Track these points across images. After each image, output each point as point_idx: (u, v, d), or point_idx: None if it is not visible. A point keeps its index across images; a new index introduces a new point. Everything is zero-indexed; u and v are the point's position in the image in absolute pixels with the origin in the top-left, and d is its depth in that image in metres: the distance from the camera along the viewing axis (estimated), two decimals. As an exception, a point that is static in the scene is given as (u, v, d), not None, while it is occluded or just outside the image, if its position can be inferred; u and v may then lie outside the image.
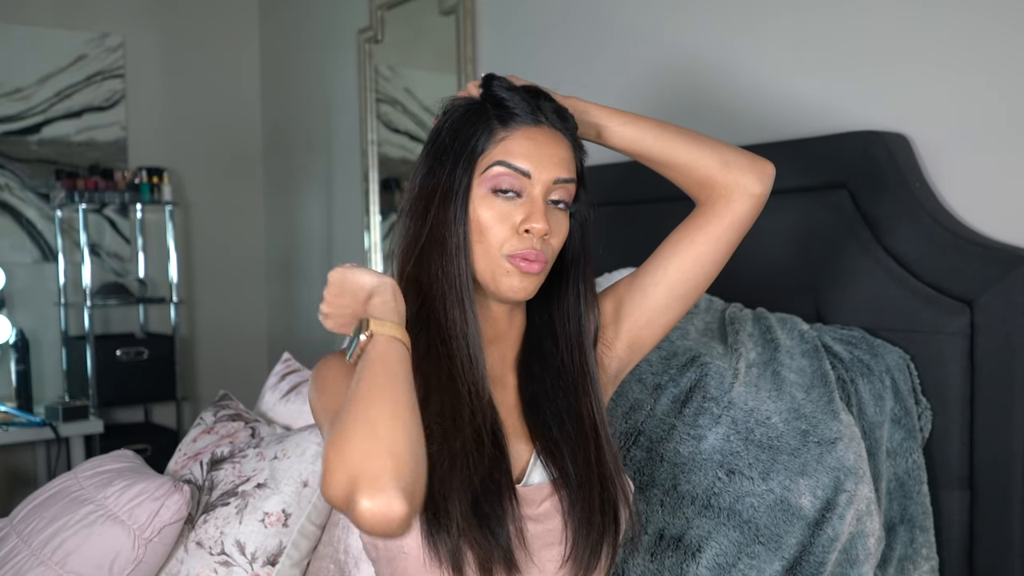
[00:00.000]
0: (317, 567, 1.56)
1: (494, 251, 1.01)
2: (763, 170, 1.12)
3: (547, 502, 1.01)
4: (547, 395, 1.07)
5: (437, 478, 0.94)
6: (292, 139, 3.76)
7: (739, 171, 1.10)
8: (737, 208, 1.11)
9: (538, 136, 1.02)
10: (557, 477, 1.02)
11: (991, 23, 1.52)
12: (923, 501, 1.48)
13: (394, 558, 0.99)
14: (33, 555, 1.49)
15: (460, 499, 0.94)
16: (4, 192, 3.46)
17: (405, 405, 0.84)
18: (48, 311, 3.56)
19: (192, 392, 3.82)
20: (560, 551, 1.01)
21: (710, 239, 1.11)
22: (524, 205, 1.01)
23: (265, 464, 1.59)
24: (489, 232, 1.01)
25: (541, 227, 1.00)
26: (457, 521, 0.94)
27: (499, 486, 0.97)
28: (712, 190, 1.11)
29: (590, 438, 1.05)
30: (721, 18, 1.96)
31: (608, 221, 1.97)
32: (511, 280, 1.01)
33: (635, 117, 1.12)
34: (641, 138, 1.11)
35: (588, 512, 1.01)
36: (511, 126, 1.02)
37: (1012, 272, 1.42)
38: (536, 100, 1.04)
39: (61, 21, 3.55)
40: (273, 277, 3.96)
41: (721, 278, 1.17)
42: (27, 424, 3.05)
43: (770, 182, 1.12)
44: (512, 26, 2.56)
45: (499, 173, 1.00)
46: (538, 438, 1.05)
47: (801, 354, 1.50)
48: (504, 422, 1.03)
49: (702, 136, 1.13)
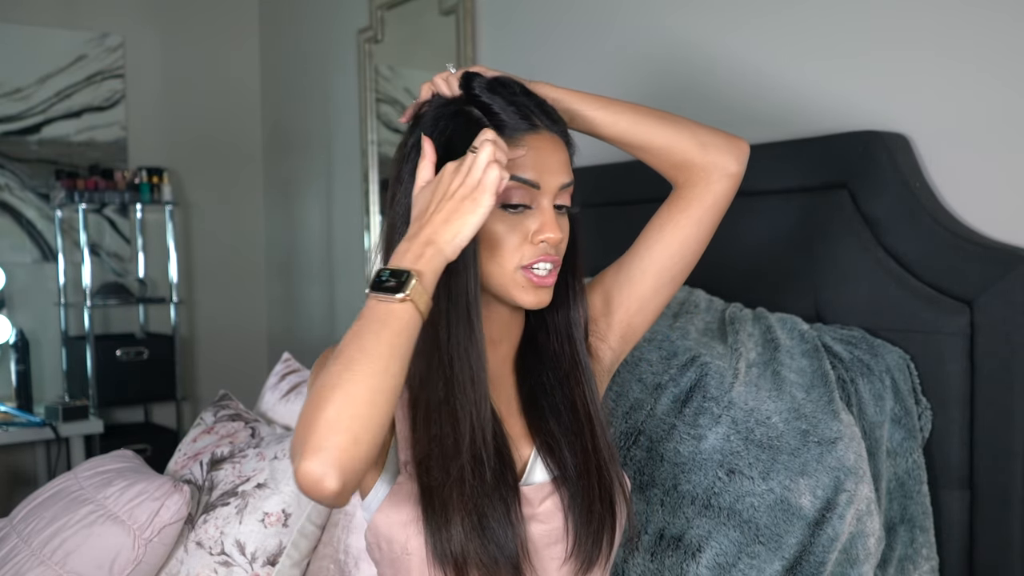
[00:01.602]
0: (317, 567, 1.56)
1: (508, 264, 1.00)
2: (740, 149, 1.12)
3: (548, 500, 1.02)
4: (544, 388, 1.07)
5: (439, 494, 0.94)
6: (292, 139, 3.76)
7: (717, 152, 1.11)
8: (717, 189, 1.11)
9: (539, 144, 1.01)
10: (557, 475, 1.03)
11: (991, 23, 1.52)
12: (923, 501, 1.48)
13: (397, 559, 0.99)
14: (33, 555, 1.49)
15: (463, 515, 0.94)
16: (4, 192, 3.47)
17: (391, 386, 0.84)
18: (48, 311, 3.56)
19: (192, 392, 3.82)
20: (561, 549, 1.01)
21: (693, 221, 1.11)
22: (535, 215, 1.00)
23: (265, 464, 1.59)
24: (502, 246, 0.99)
25: (556, 236, 0.99)
26: (460, 531, 0.94)
27: (503, 495, 0.97)
28: (691, 172, 1.11)
29: (585, 428, 1.04)
30: (721, 18, 1.96)
31: (605, 221, 1.97)
32: (526, 295, 1.01)
33: (609, 101, 1.11)
34: (615, 122, 1.10)
35: (588, 502, 1.01)
36: (512, 137, 1.00)
37: (1012, 272, 1.42)
38: (522, 99, 1.02)
39: (61, 21, 3.55)
40: (273, 277, 3.96)
41: (721, 278, 1.17)
42: (27, 424, 3.05)
43: (745, 160, 1.13)
44: (512, 26, 2.56)
45: (508, 188, 0.98)
46: (537, 434, 1.05)
47: (801, 354, 1.50)
48: (504, 421, 1.03)
49: (677, 117, 1.12)
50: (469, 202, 0.91)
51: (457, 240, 0.91)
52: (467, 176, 0.92)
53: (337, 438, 0.79)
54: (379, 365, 0.83)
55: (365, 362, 0.83)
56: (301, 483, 0.79)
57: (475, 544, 0.94)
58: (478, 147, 0.93)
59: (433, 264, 0.90)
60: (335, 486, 0.79)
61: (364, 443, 0.81)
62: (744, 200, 1.85)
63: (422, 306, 0.88)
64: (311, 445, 0.79)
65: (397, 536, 0.98)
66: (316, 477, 0.78)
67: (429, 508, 0.95)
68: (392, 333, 0.86)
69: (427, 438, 0.96)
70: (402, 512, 0.97)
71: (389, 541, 0.99)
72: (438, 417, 0.97)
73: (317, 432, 0.80)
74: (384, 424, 0.83)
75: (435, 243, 0.91)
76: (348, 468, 0.79)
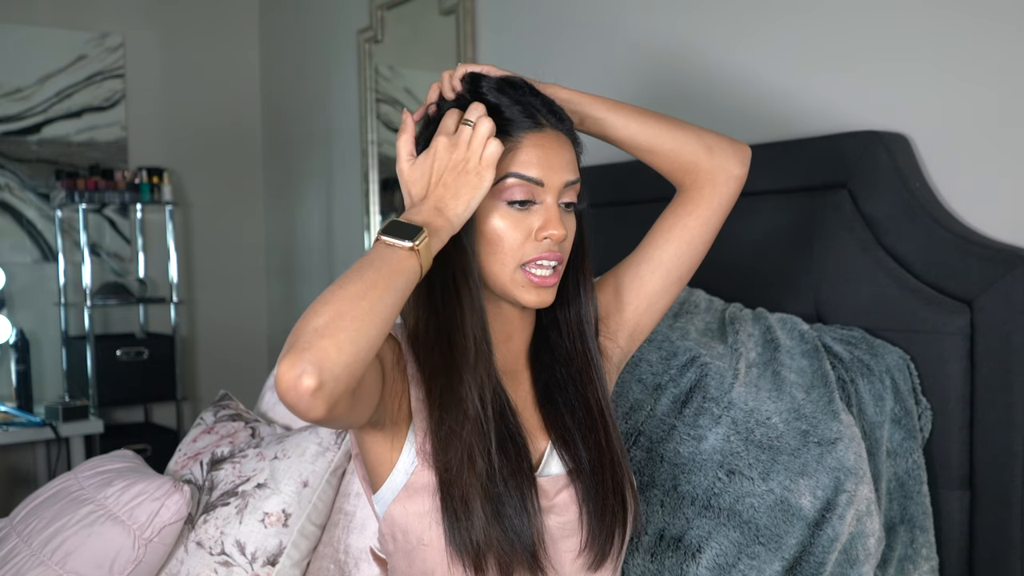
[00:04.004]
0: (317, 567, 1.56)
1: (509, 261, 1.01)
2: (744, 153, 1.16)
3: (564, 492, 1.03)
4: (558, 384, 1.09)
5: (457, 484, 0.95)
6: (292, 139, 3.76)
7: (723, 155, 1.14)
8: (723, 191, 1.14)
9: (544, 141, 1.02)
10: (572, 468, 1.04)
11: (991, 24, 1.52)
12: (923, 501, 1.48)
13: (413, 550, 1.00)
14: (33, 555, 1.49)
15: (481, 504, 0.95)
16: (4, 192, 3.47)
17: (381, 313, 0.85)
18: (48, 311, 3.56)
19: (192, 392, 3.82)
20: (575, 543, 1.02)
21: (700, 222, 1.15)
22: (539, 212, 1.01)
23: (265, 464, 1.59)
24: (504, 242, 1.01)
25: (560, 233, 1.00)
26: (479, 520, 0.95)
27: (520, 485, 0.98)
28: (697, 175, 1.14)
29: (599, 423, 1.07)
30: (722, 19, 1.96)
31: (608, 221, 1.97)
32: (527, 294, 1.02)
33: (618, 104, 1.13)
34: (625, 125, 1.12)
35: (602, 496, 1.03)
36: (515, 135, 1.01)
37: (1012, 272, 1.42)
38: (529, 99, 1.03)
39: (61, 21, 3.55)
40: (273, 277, 3.96)
41: (721, 278, 1.18)
42: (27, 424, 3.05)
43: (748, 163, 1.16)
44: (512, 26, 2.56)
45: (512, 185, 1.00)
46: (552, 428, 1.06)
47: (801, 354, 1.50)
48: (520, 415, 1.04)
49: (681, 121, 1.15)
50: (474, 176, 0.95)
51: (465, 213, 0.95)
52: (468, 149, 0.95)
53: (322, 342, 0.80)
54: (373, 293, 0.85)
55: (360, 286, 0.85)
56: (280, 382, 0.80)
57: (495, 533, 0.95)
58: (474, 120, 0.96)
59: (441, 232, 0.93)
60: (313, 383, 0.79)
61: (347, 353, 0.81)
62: (744, 200, 1.85)
63: (425, 262, 0.91)
64: (295, 347, 0.80)
65: (413, 527, 0.99)
66: (295, 374, 0.79)
67: (447, 498, 0.96)
68: (392, 271, 0.88)
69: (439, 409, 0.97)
70: (418, 503, 0.99)
71: (405, 532, 1.00)
72: (447, 383, 0.98)
73: (303, 337, 0.81)
74: (369, 348, 0.84)
75: (443, 213, 0.94)
76: (328, 371, 0.80)
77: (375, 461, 1.03)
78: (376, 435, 1.01)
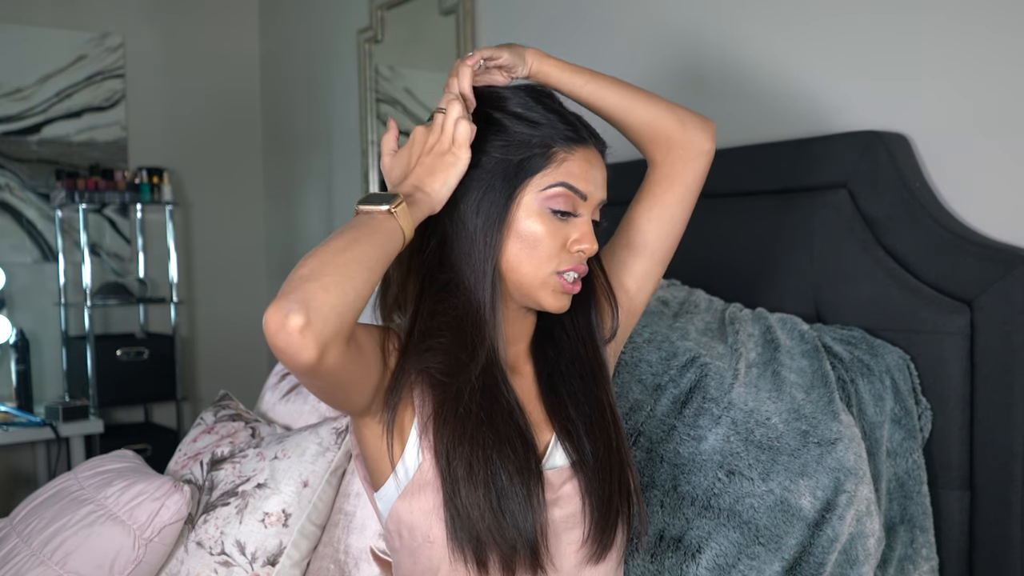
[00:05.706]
0: (317, 567, 1.56)
1: (544, 267, 1.03)
2: (711, 128, 1.19)
3: (568, 484, 1.04)
4: (562, 376, 1.10)
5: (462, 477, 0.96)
6: (292, 139, 3.76)
7: (694, 129, 1.17)
8: (695, 166, 1.17)
9: (591, 158, 1.06)
10: (576, 460, 1.05)
11: (991, 24, 1.52)
12: (923, 501, 1.48)
13: (419, 547, 1.00)
14: (33, 555, 1.49)
15: (485, 496, 0.96)
16: (4, 192, 3.47)
17: (366, 261, 0.89)
18: (48, 311, 3.56)
19: (192, 392, 3.82)
20: (578, 535, 1.03)
21: (676, 199, 1.18)
22: (576, 225, 1.04)
23: (265, 464, 1.59)
24: (541, 247, 1.03)
25: (594, 248, 1.05)
26: (480, 513, 0.96)
27: (526, 480, 0.99)
28: (670, 149, 1.16)
29: (611, 427, 1.08)
30: (722, 20, 1.96)
31: (610, 221, 1.97)
32: (554, 299, 1.05)
33: (595, 75, 1.15)
34: (603, 96, 1.15)
35: (607, 492, 1.04)
36: (571, 148, 1.04)
37: (1012, 272, 1.42)
38: (571, 116, 1.07)
39: (61, 21, 3.55)
40: (273, 277, 3.96)
41: (721, 278, 1.18)
42: (27, 424, 3.05)
43: (715, 139, 1.19)
44: (512, 26, 2.56)
45: (559, 194, 1.03)
46: (556, 419, 1.07)
47: (801, 354, 1.50)
48: (524, 407, 1.05)
49: (656, 95, 1.18)
50: (450, 156, 1.00)
51: (443, 191, 0.99)
52: (442, 132, 1.00)
53: (307, 284, 0.84)
54: (355, 246, 0.89)
55: (342, 241, 0.89)
56: (268, 326, 0.83)
57: (497, 528, 0.96)
58: (445, 107, 1.01)
59: (421, 204, 0.97)
60: (300, 320, 0.82)
61: (333, 295, 0.84)
62: (745, 200, 1.85)
63: (406, 227, 0.94)
64: (281, 293, 0.84)
65: (419, 524, 0.99)
66: (283, 314, 0.82)
67: (451, 494, 0.97)
68: (372, 230, 0.91)
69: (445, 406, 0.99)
70: (424, 499, 0.99)
71: (411, 529, 1.00)
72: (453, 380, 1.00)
73: (289, 284, 0.85)
74: (356, 296, 0.87)
75: (423, 189, 0.98)
76: (315, 310, 0.83)
77: (375, 456, 1.03)
78: (376, 428, 1.01)
